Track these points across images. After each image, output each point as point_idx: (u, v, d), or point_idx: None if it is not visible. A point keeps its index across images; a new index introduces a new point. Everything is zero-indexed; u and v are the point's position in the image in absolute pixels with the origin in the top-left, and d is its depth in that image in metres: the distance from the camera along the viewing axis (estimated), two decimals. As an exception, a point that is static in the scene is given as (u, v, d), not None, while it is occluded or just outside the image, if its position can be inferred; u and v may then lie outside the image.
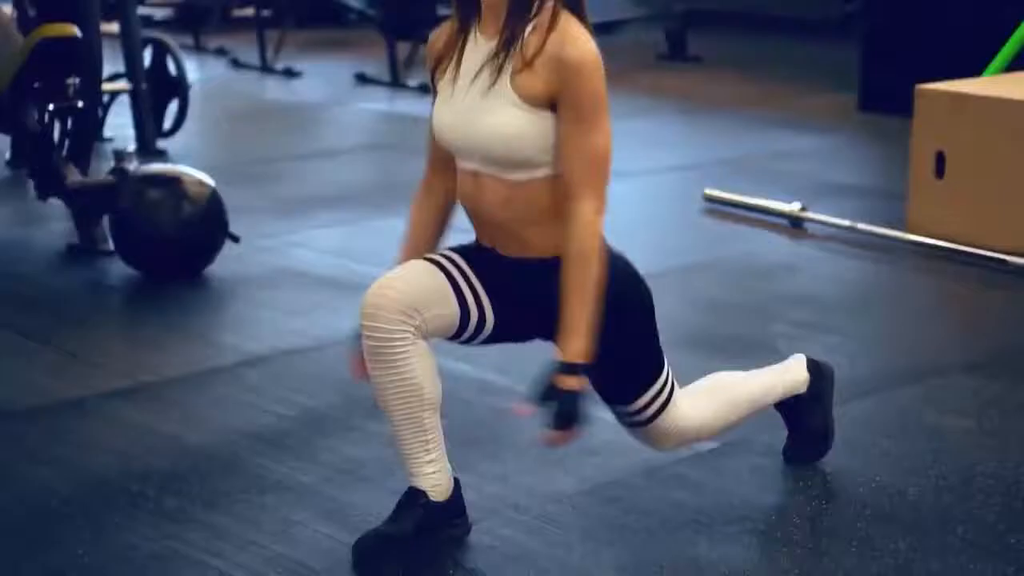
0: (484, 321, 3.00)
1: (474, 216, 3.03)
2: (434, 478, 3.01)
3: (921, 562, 3.01)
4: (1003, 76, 5.91)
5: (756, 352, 4.28)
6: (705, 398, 3.26)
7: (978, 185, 5.35)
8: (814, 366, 3.49)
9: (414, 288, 2.91)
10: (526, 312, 3.01)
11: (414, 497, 3.00)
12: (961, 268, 5.18)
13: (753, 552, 3.08)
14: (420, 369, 2.92)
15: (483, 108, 2.87)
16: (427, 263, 2.99)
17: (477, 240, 3.07)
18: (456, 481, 3.07)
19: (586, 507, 3.27)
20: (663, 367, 3.12)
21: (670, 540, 3.12)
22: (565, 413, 2.83)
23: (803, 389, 3.45)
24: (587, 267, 2.83)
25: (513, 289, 3.00)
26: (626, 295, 3.01)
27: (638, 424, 3.16)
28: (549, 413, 2.83)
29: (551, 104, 2.84)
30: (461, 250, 3.06)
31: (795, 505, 3.29)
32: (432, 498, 3.00)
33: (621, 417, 3.19)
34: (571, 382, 2.82)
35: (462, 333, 3.01)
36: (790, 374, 3.44)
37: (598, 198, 2.84)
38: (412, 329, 2.89)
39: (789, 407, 3.46)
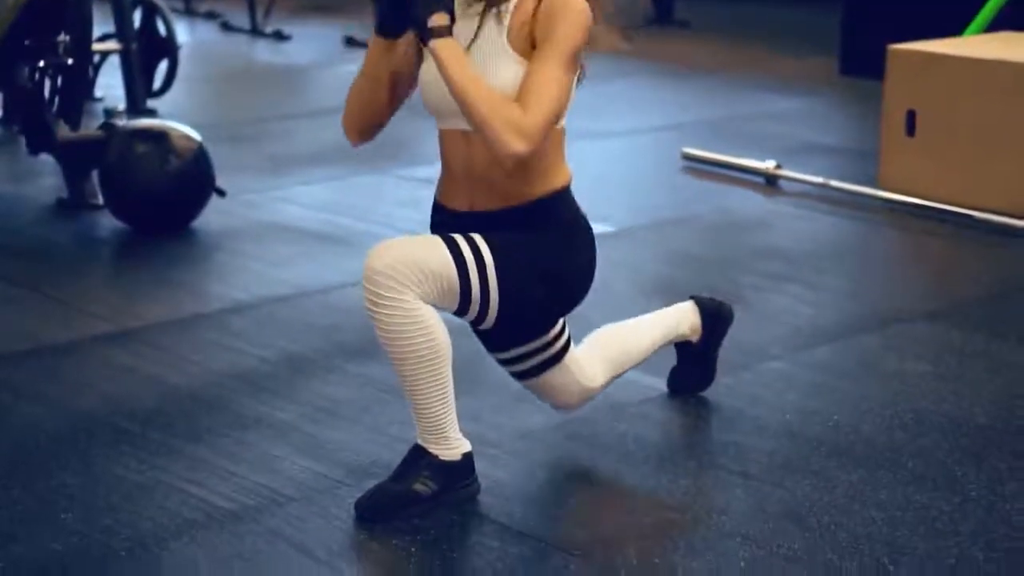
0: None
1: (460, 175, 3.07)
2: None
3: (871, 493, 3.15)
4: (974, 37, 6.04)
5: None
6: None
7: (947, 143, 5.48)
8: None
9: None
10: None
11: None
12: (929, 223, 5.32)
13: (711, 484, 3.22)
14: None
15: (484, 70, 2.93)
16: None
17: (444, 204, 3.13)
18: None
19: (553, 443, 3.41)
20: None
21: (632, 473, 3.26)
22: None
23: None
24: (494, 95, 2.87)
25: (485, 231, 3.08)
26: (582, 254, 3.11)
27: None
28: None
29: None
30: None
31: (754, 442, 3.42)
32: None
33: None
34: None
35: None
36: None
37: (532, 121, 2.86)
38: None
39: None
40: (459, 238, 2.99)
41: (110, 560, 2.85)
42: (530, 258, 3.02)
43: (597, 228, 3.22)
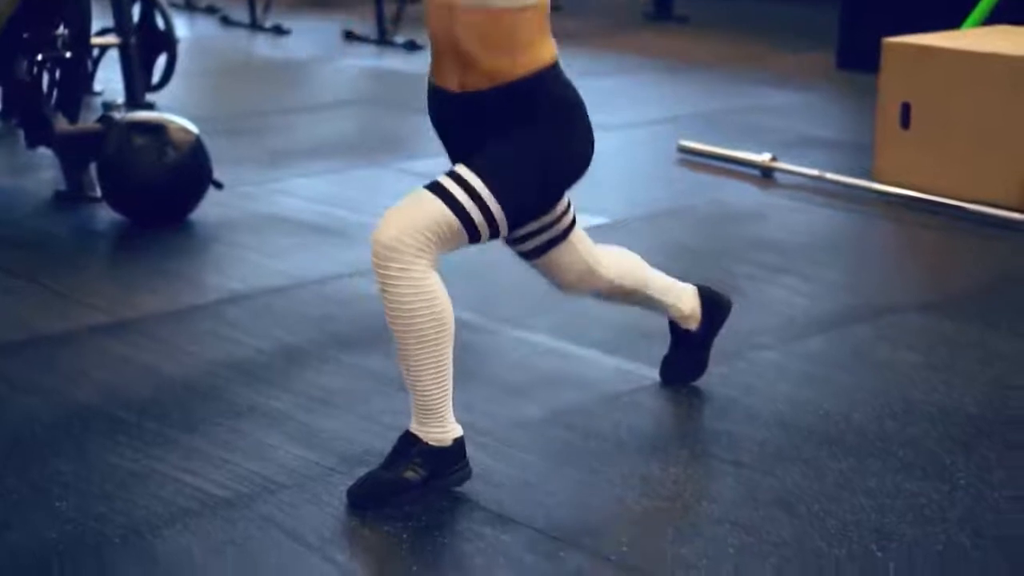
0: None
1: (447, 52, 3.06)
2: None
3: (861, 481, 3.17)
4: (970, 30, 6.06)
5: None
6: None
7: (942, 136, 5.50)
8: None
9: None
10: (477, 139, 3.07)
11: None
12: (923, 216, 5.33)
13: (702, 472, 3.25)
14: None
15: None
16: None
17: (439, 85, 3.11)
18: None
19: (546, 432, 3.43)
20: (513, 214, 3.05)
21: (624, 461, 3.28)
22: None
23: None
24: None
25: (469, 125, 3.08)
26: (576, 130, 3.09)
27: (439, 191, 3.00)
28: None
29: None
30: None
31: (746, 431, 3.45)
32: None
33: (443, 175, 3.05)
34: None
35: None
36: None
37: None
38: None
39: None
40: (446, 180, 2.99)
41: (104, 547, 2.87)
42: (523, 161, 3.02)
43: (593, 220, 3.26)
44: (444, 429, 3.07)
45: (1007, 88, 5.34)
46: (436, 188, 3.00)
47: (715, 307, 3.67)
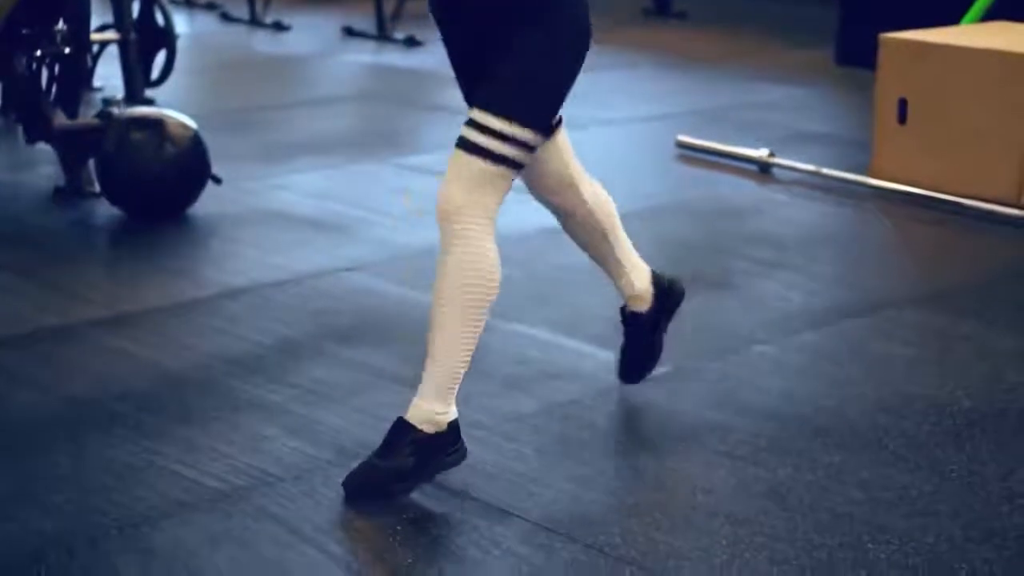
0: None
1: None
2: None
3: (852, 473, 3.19)
4: (967, 27, 6.07)
5: (715, 286, 4.47)
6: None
7: (938, 131, 5.51)
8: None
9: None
10: (484, 47, 3.09)
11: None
12: (919, 211, 5.35)
13: (696, 464, 3.27)
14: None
15: None
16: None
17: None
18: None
19: (541, 425, 3.45)
20: (540, 127, 3.05)
21: (618, 454, 3.31)
22: None
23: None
24: None
25: (481, 40, 3.10)
26: (581, 20, 3.08)
27: (472, 147, 3.02)
28: None
29: None
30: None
31: (740, 424, 3.47)
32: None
33: (466, 129, 3.04)
34: None
35: None
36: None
37: None
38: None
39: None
40: (472, 134, 3.01)
41: (101, 539, 2.89)
42: (532, 72, 3.02)
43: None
44: (446, 410, 3.10)
45: (1003, 84, 5.36)
46: (467, 146, 3.02)
47: (667, 292, 3.63)
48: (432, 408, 3.08)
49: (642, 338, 3.62)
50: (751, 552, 2.85)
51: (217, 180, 5.24)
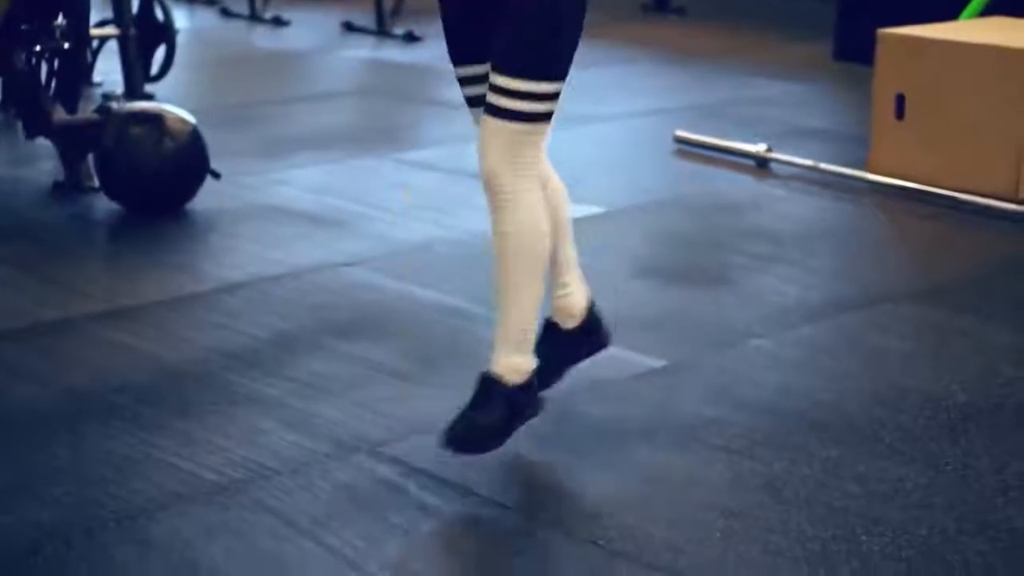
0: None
1: None
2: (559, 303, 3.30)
3: (848, 466, 3.20)
4: (965, 22, 6.08)
5: (712, 281, 4.48)
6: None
7: (935, 126, 5.52)
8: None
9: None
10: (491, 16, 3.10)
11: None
12: (916, 206, 5.36)
13: (691, 457, 3.28)
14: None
15: None
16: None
17: None
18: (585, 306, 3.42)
19: (536, 419, 3.45)
20: (561, 78, 3.07)
21: (612, 447, 3.32)
22: None
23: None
24: None
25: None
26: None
27: (504, 113, 3.05)
28: None
29: None
30: (459, 58, 3.20)
31: (736, 418, 3.48)
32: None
33: (494, 96, 3.06)
34: None
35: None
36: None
37: None
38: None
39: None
40: (497, 99, 3.04)
41: (98, 530, 2.90)
42: (541, 31, 3.03)
43: (588, 210, 3.28)
44: (529, 359, 3.18)
45: (1001, 80, 5.37)
46: (497, 112, 3.06)
47: (593, 333, 3.49)
48: (513, 361, 3.15)
49: (553, 350, 3.40)
50: (745, 544, 2.86)
51: (216, 175, 5.26)
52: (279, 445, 3.30)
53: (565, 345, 3.44)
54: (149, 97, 6.75)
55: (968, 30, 5.75)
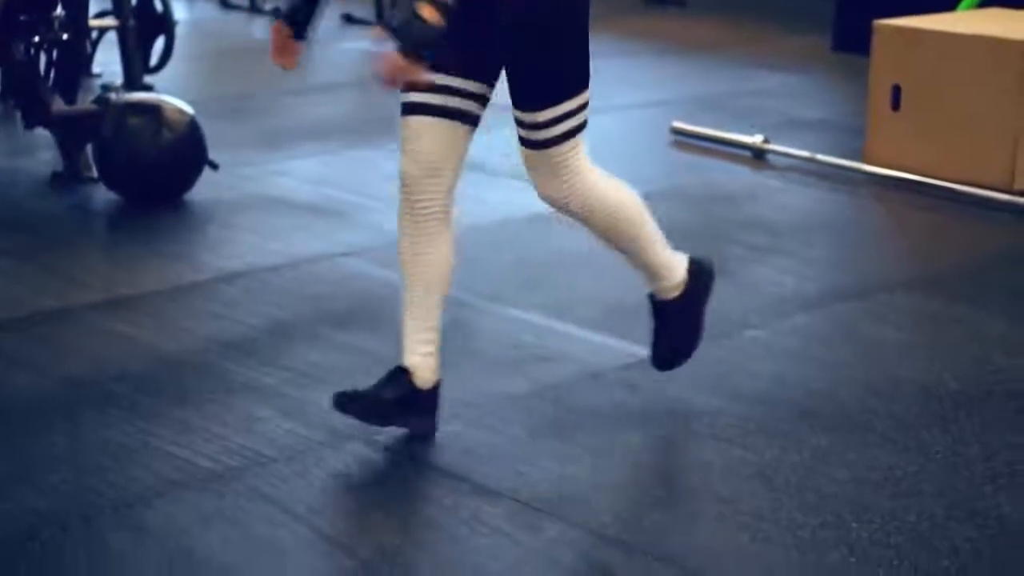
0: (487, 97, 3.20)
1: None
2: (424, 361, 3.24)
3: (839, 454, 3.23)
4: (962, 13, 6.10)
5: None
6: (614, 188, 3.40)
7: (931, 117, 5.54)
8: (695, 267, 3.55)
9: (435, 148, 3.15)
10: (485, 35, 3.12)
11: (400, 373, 3.23)
12: (913, 197, 5.38)
13: (683, 446, 3.31)
14: (446, 255, 3.23)
15: None
16: (427, 118, 3.17)
17: None
18: (437, 383, 3.28)
19: (533, 407, 3.48)
20: (583, 90, 3.16)
21: (605, 433, 3.34)
22: (417, 37, 2.88)
23: (676, 293, 3.49)
24: None
25: (477, 25, 3.11)
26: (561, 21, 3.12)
27: (536, 144, 3.16)
28: (402, 36, 2.89)
29: None
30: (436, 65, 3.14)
31: (729, 407, 3.50)
32: (415, 382, 3.23)
33: (523, 134, 3.18)
34: (428, 10, 2.88)
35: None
36: (670, 263, 3.50)
37: None
38: (444, 192, 3.17)
39: (660, 308, 3.51)
40: (536, 134, 3.16)
41: (94, 517, 2.93)
42: (553, 58, 3.11)
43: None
44: (681, 264, 3.49)
45: (996, 70, 5.38)
46: (531, 145, 3.18)
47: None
48: (667, 280, 3.42)
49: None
50: (735, 530, 2.89)
51: (214, 166, 5.27)
52: (275, 433, 3.33)
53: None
54: (148, 88, 6.77)
55: (964, 21, 5.76)
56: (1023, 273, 4.59)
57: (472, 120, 3.19)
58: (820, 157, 5.72)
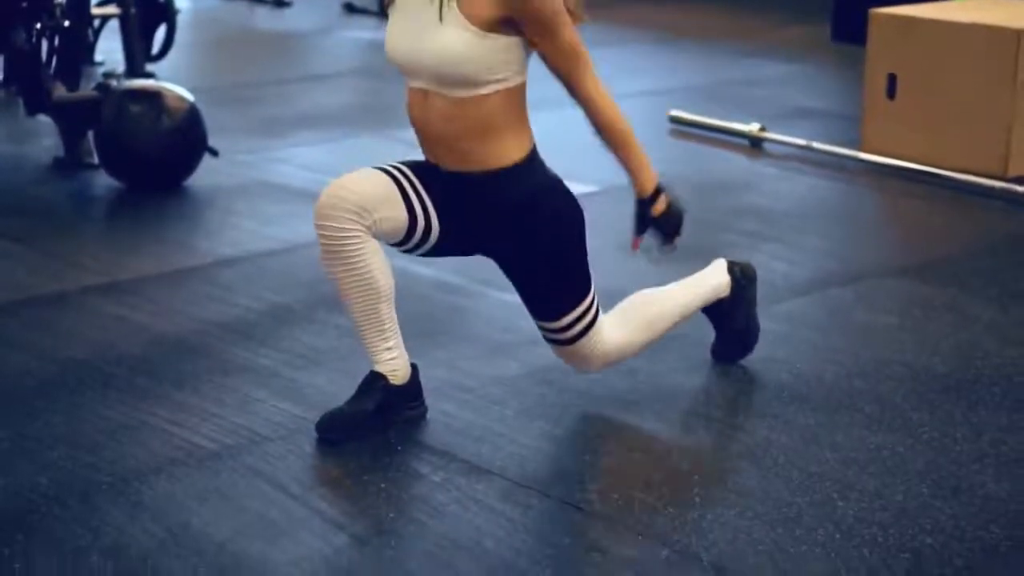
0: (430, 231, 3.23)
1: (421, 132, 3.25)
2: (393, 363, 3.27)
3: (827, 435, 3.27)
4: (958, 2, 6.13)
5: (702, 259, 4.51)
6: (627, 319, 3.46)
7: (926, 105, 5.58)
8: (736, 269, 3.67)
9: (366, 190, 3.15)
10: (469, 225, 3.24)
11: (374, 380, 3.27)
12: (908, 184, 5.42)
13: (674, 426, 3.35)
14: (374, 264, 3.18)
15: (431, 30, 3.06)
16: (379, 171, 3.23)
17: (425, 158, 3.30)
18: (414, 367, 3.33)
19: (525, 388, 3.53)
20: (590, 289, 3.33)
21: (598, 416, 3.39)
22: (672, 227, 3.36)
23: (725, 292, 3.63)
24: (618, 125, 3.25)
25: (457, 203, 3.22)
26: (562, 212, 3.25)
27: (562, 343, 3.35)
28: (659, 235, 3.36)
29: (503, 24, 3.04)
30: (411, 164, 3.29)
31: (719, 389, 3.55)
32: (391, 381, 3.26)
33: (546, 335, 3.37)
34: (660, 206, 3.32)
35: (409, 240, 3.24)
36: (710, 282, 3.62)
37: (591, 74, 3.15)
38: (363, 228, 3.14)
39: (712, 309, 3.65)
40: (555, 336, 3.35)
41: (92, 493, 2.97)
42: (553, 271, 3.28)
43: (583, 188, 3.35)
44: (721, 273, 3.66)
45: (991, 58, 5.42)
46: (564, 343, 3.34)
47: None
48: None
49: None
50: (722, 508, 2.93)
51: (214, 152, 5.32)
52: (271, 413, 3.37)
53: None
54: (150, 76, 6.82)
55: (959, 9, 5.80)
56: (1015, 260, 4.62)
57: (412, 218, 3.21)
58: (816, 145, 5.76)
